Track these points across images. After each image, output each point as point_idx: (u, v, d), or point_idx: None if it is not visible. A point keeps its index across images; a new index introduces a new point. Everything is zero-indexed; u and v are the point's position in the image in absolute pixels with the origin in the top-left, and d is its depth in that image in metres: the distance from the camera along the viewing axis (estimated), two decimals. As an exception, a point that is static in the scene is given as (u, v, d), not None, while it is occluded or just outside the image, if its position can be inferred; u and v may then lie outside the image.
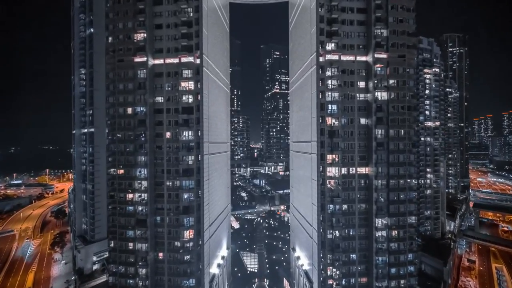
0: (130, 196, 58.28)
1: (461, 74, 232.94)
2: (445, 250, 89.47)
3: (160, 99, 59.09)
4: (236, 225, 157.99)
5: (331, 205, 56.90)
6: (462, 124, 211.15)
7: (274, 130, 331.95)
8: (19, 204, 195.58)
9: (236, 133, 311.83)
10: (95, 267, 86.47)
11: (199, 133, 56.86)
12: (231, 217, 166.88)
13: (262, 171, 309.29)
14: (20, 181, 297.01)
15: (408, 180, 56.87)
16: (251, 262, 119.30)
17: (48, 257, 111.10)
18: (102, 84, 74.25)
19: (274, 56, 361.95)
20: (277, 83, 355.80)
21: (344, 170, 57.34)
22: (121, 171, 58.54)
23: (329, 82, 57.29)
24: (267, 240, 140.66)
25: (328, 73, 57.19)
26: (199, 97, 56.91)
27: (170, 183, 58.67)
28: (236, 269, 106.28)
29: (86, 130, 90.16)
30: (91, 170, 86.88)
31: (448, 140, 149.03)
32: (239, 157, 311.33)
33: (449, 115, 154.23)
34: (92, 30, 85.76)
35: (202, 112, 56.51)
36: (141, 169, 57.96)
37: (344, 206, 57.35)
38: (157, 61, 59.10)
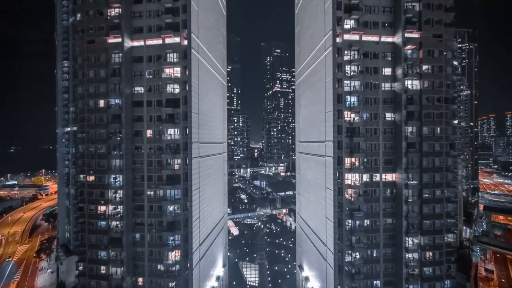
0: (102, 208, 47.36)
1: (470, 71, 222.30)
2: (465, 261, 78.69)
3: (139, 89, 48.20)
4: (235, 231, 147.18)
5: (350, 221, 45.99)
6: (472, 124, 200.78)
7: (275, 129, 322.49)
8: (10, 206, 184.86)
9: (236, 132, 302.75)
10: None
11: (187, 131, 45.92)
12: (229, 222, 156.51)
13: (263, 172, 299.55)
14: (15, 182, 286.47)
15: (446, 190, 45.95)
16: (251, 274, 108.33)
17: (34, 266, 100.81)
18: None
19: (275, 53, 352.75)
20: (278, 81, 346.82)
21: (366, 177, 46.47)
22: (92, 178, 47.61)
23: (347, 68, 46.40)
24: (268, 248, 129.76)
25: (347, 57, 46.30)
26: (187, 86, 45.95)
27: (152, 193, 47.79)
28: (234, 282, 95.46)
29: (69, 129, 79.22)
30: (74, 172, 75.87)
31: (460, 140, 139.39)
32: (239, 157, 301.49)
33: (461, 113, 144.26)
34: (75, 18, 74.57)
35: (191, 106, 45.53)
36: (115, 176, 47.06)
37: (366, 222, 46.42)
38: (135, 43, 48.19)
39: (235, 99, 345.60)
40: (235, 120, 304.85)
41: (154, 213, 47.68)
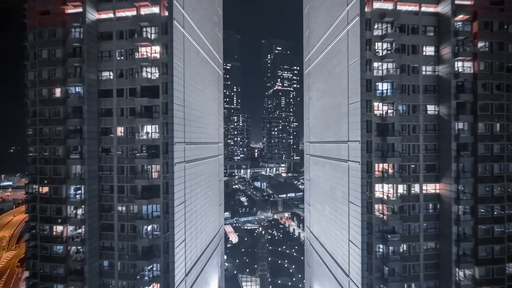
0: (58, 229, 36.46)
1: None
2: None
3: (107, 74, 37.35)
4: (234, 238, 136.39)
5: (381, 246, 35.12)
6: None
7: (275, 129, 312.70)
8: (1, 209, 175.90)
9: (236, 132, 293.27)
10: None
11: (168, 128, 34.97)
12: (228, 227, 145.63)
13: (263, 172, 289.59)
14: (10, 183, 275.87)
15: (508, 206, 35.01)
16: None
17: (17, 275, 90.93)
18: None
19: (276, 51, 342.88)
20: (279, 79, 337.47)
21: (402, 188, 35.60)
22: (45, 189, 36.71)
23: (378, 46, 35.52)
24: (270, 258, 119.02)
25: (377, 32, 35.41)
26: (168, 70, 35.03)
27: (123, 208, 36.97)
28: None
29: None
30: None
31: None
32: (239, 158, 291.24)
33: None
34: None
35: (173, 95, 34.58)
36: (76, 186, 36.24)
37: (403, 247, 35.53)
38: (102, 15, 37.37)
39: (235, 98, 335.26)
40: (235, 120, 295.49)
41: (127, 234, 36.84)
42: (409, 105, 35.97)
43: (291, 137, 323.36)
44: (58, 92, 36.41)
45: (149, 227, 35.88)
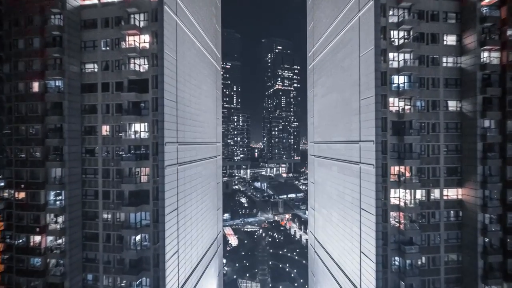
0: (36, 239, 32.64)
1: None
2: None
3: (91, 66, 33.59)
4: (234, 240, 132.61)
5: (397, 258, 31.33)
6: None
7: (276, 129, 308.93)
8: None
9: (236, 132, 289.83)
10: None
11: (159, 126, 31.15)
12: (228, 229, 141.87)
13: (264, 173, 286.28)
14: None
15: (539, 213, 31.19)
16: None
17: None
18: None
19: (276, 50, 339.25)
20: (279, 79, 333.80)
21: (420, 194, 31.80)
22: (22, 195, 32.90)
23: (394, 34, 31.73)
24: (271, 262, 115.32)
25: (393, 19, 31.60)
26: (158, 61, 31.21)
27: (109, 216, 33.19)
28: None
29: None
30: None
31: None
32: (239, 158, 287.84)
33: None
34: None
35: (163, 89, 30.77)
36: (56, 191, 32.46)
37: (422, 259, 31.74)
38: (86, 1, 33.59)
39: (235, 97, 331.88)
40: (235, 119, 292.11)
41: (113, 245, 33.06)
42: (428, 101, 32.19)
43: (292, 137, 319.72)
44: (36, 86, 32.61)
45: (138, 237, 32.08)
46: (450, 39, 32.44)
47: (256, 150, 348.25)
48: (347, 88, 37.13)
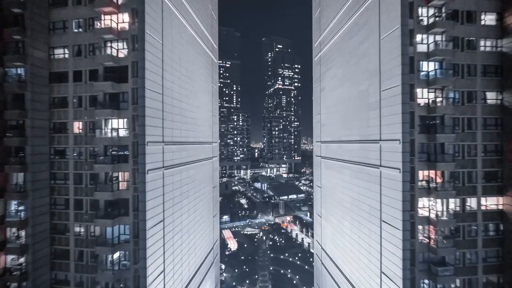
0: (-6, 257, 27.37)
1: None
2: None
3: (61, 52, 28.27)
4: (233, 244, 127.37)
5: (426, 281, 26.04)
6: None
7: (276, 128, 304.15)
8: None
9: (235, 132, 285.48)
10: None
11: (139, 123, 25.83)
12: (227, 232, 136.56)
13: (264, 173, 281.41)
14: None
15: None
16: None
17: None
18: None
19: (277, 49, 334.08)
20: (279, 78, 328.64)
21: (453, 203, 26.52)
22: (-22, 205, 27.59)
23: (422, 12, 26.43)
24: (272, 267, 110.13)
25: (421, -6, 26.31)
26: (139, 43, 25.88)
27: (82, 230, 27.90)
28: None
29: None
30: None
31: None
32: (239, 158, 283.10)
33: None
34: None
35: (144, 77, 25.45)
36: (17, 201, 27.16)
37: (456, 282, 26.44)
38: (54, -28, 28.34)
39: (234, 97, 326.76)
40: (235, 119, 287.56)
41: (86, 264, 27.76)
42: (463, 92, 26.91)
43: (292, 136, 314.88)
44: (-7, 75, 27.29)
45: (115, 255, 26.81)
46: (488, 18, 27.17)
47: (256, 150, 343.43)
48: (363, 79, 31.78)
